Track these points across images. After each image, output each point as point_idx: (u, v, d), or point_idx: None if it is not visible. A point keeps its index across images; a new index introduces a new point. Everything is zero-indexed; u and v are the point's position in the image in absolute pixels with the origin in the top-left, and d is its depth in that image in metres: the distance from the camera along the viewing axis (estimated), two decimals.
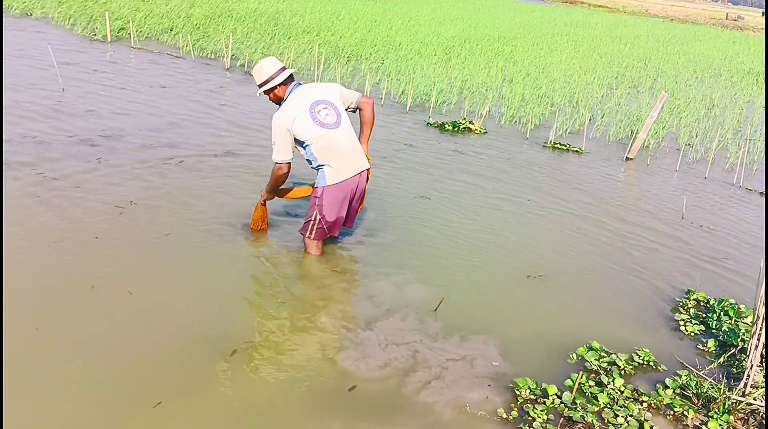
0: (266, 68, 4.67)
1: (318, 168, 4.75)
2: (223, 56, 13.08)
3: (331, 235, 4.98)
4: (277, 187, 4.94)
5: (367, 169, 4.96)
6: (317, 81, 11.98)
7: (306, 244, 5.03)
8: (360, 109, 4.94)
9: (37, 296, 4.12)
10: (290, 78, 4.72)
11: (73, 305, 4.07)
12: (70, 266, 4.51)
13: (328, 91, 4.77)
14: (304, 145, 4.66)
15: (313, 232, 4.89)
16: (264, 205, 5.27)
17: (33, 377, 3.40)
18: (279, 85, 4.68)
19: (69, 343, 3.72)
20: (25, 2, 16.39)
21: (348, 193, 4.82)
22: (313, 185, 4.91)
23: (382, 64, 13.91)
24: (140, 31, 14.68)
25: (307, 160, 4.77)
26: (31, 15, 15.84)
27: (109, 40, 13.69)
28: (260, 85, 4.74)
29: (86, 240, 4.88)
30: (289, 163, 4.73)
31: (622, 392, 3.79)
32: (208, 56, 13.42)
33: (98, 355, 3.64)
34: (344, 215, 4.93)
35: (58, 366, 3.52)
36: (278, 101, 4.76)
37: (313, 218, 4.83)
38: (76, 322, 3.92)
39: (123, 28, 14.53)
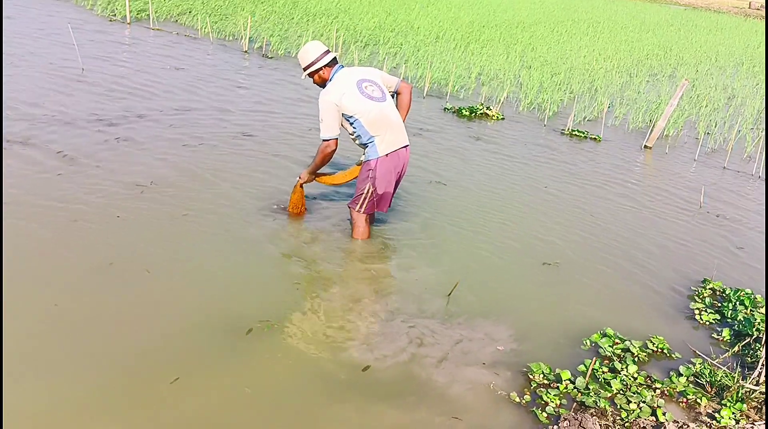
0: (312, 51, 4.81)
1: (368, 143, 4.83)
2: (242, 38, 13.08)
3: (379, 209, 5.06)
4: (323, 165, 4.97)
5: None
6: None
7: (354, 220, 5.09)
8: (398, 93, 5.09)
9: (56, 273, 4.18)
10: (334, 60, 4.86)
11: (92, 283, 4.12)
12: (89, 244, 4.56)
13: (370, 71, 4.95)
14: (352, 121, 4.76)
15: (364, 205, 4.95)
16: (302, 187, 5.29)
17: (52, 353, 3.46)
18: (324, 66, 4.81)
19: (87, 319, 3.77)
20: None
21: (397, 165, 4.94)
22: (359, 164, 5.03)
23: (400, 48, 13.86)
24: (159, 13, 14.70)
25: (356, 136, 4.86)
26: None
27: (128, 21, 13.73)
28: (306, 68, 4.86)
29: (106, 219, 4.93)
30: (337, 139, 4.81)
31: (636, 379, 3.80)
32: (227, 38, 13.44)
33: (116, 332, 3.69)
34: (391, 191, 5.02)
35: (77, 342, 3.57)
36: (322, 83, 4.88)
37: (365, 191, 4.90)
38: (94, 299, 3.97)
39: (142, 10, 14.56)
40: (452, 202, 6.17)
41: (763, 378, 3.74)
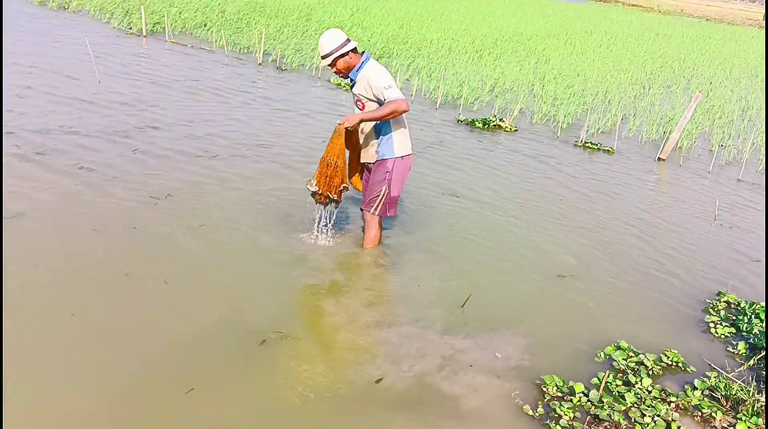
0: (338, 35, 4.61)
1: (384, 135, 4.76)
2: (256, 51, 13.19)
3: (390, 214, 5.04)
4: (384, 119, 4.54)
5: None
6: None
7: (368, 223, 5.08)
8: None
9: (74, 283, 4.22)
10: (356, 49, 4.71)
11: (108, 293, 4.17)
12: (106, 255, 4.61)
13: None
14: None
15: (379, 207, 4.95)
16: (342, 136, 4.60)
17: (67, 362, 3.50)
18: (350, 51, 4.63)
19: (103, 329, 3.81)
20: None
21: (408, 169, 4.94)
22: (338, 133, 4.60)
23: (414, 60, 13.92)
24: (174, 26, 14.86)
25: (383, 124, 4.73)
26: (67, 8, 16.12)
27: (144, 33, 13.89)
28: (332, 52, 4.59)
29: (123, 230, 4.98)
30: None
31: (650, 392, 3.79)
32: (241, 51, 13.55)
33: (132, 342, 3.72)
34: (399, 195, 5.01)
35: (93, 352, 3.61)
36: (348, 69, 4.69)
37: (382, 193, 4.88)
38: (110, 309, 4.01)
39: (158, 23, 14.72)
40: (465, 214, 6.18)
41: None
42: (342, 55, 4.62)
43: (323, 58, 4.68)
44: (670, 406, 3.69)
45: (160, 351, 3.68)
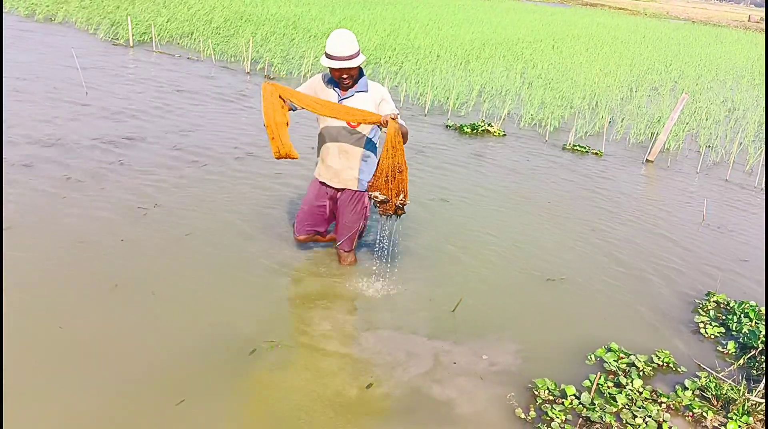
0: (354, 41, 4.09)
1: (370, 158, 4.45)
2: (243, 60, 13.18)
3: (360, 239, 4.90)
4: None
5: None
6: None
7: (344, 258, 4.88)
8: None
9: (61, 295, 4.20)
10: None
11: (97, 305, 4.14)
12: (94, 266, 4.58)
13: None
14: (382, 129, 4.23)
15: (356, 241, 4.82)
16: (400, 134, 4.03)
17: (57, 375, 3.47)
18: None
19: (92, 341, 3.79)
20: (48, 5, 16.64)
21: None
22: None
23: (401, 67, 13.95)
24: (161, 36, 14.85)
25: (371, 147, 4.43)
26: (54, 20, 16.08)
27: (131, 44, 13.87)
28: (357, 54, 4.09)
29: (111, 241, 4.96)
30: None
31: (641, 393, 3.79)
32: (228, 60, 13.54)
33: (121, 354, 3.70)
34: None
35: (82, 364, 3.58)
36: (354, 80, 4.24)
37: (360, 228, 4.70)
38: (99, 321, 3.99)
39: (145, 32, 14.70)
40: (455, 219, 6.19)
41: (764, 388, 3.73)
42: (359, 65, 4.17)
43: (346, 59, 4.06)
44: (661, 406, 3.69)
45: (150, 362, 3.65)
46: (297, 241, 4.90)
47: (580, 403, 3.65)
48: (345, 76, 4.15)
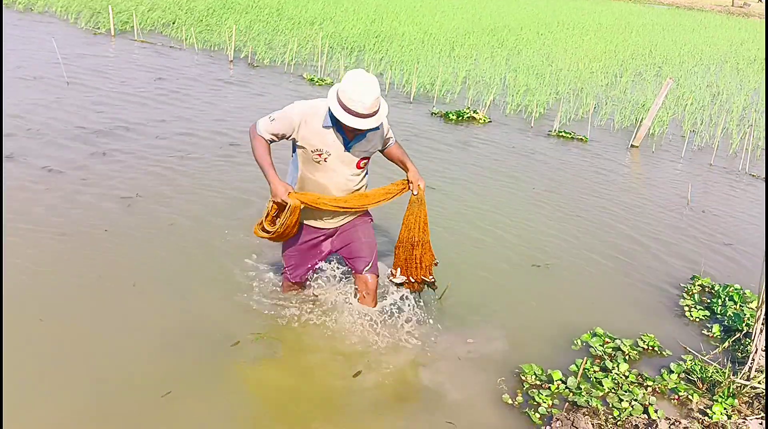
0: (378, 88, 3.35)
1: (366, 177, 3.95)
2: (227, 49, 13.07)
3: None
4: None
5: None
6: (320, 72, 11.99)
7: (370, 284, 3.99)
8: None
9: (42, 287, 4.15)
10: None
11: (79, 297, 4.10)
12: (77, 258, 4.53)
13: None
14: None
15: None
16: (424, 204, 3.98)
17: (38, 368, 3.43)
18: None
19: (75, 333, 3.75)
20: None
21: None
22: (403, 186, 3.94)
23: (386, 54, 13.88)
24: (143, 25, 14.67)
25: (366, 174, 3.92)
26: (33, 9, 15.86)
27: (112, 33, 13.70)
28: (376, 113, 3.35)
29: (93, 232, 4.90)
30: None
31: (627, 377, 3.80)
32: (212, 48, 13.41)
33: (105, 346, 3.66)
34: None
35: (65, 357, 3.55)
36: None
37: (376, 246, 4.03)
38: (82, 312, 3.95)
39: (126, 22, 14.52)
40: (440, 206, 6.16)
41: (753, 373, 3.75)
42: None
43: (370, 117, 3.30)
44: (647, 390, 3.71)
45: (135, 355, 3.62)
46: (288, 288, 4.25)
47: (566, 387, 3.65)
48: (359, 132, 3.46)
